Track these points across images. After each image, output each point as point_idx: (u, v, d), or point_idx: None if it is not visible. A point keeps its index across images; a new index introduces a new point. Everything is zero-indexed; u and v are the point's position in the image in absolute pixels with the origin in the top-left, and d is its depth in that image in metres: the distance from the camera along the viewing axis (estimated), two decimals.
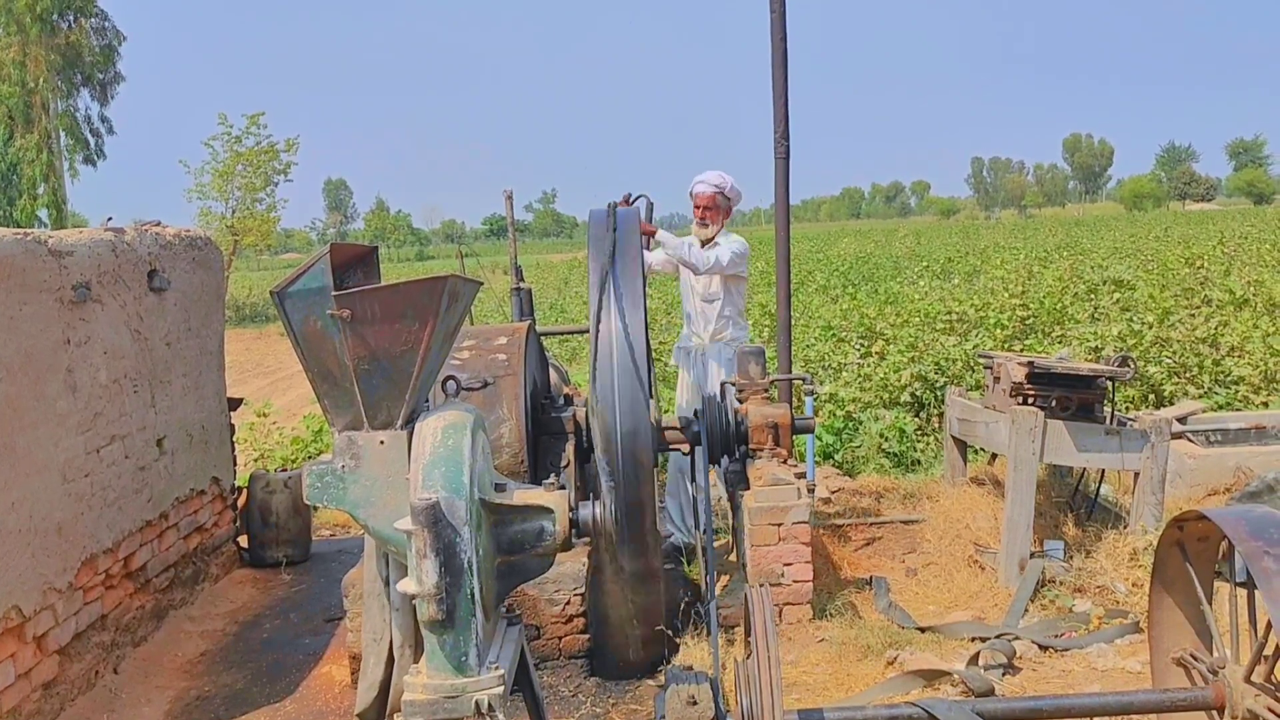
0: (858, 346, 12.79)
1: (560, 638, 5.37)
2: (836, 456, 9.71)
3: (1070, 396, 6.11)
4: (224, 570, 6.94)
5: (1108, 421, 6.17)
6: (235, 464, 7.39)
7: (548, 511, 3.46)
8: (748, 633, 3.88)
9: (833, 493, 7.99)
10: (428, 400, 3.60)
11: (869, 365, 11.63)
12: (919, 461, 9.64)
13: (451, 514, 3.16)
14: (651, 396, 6.35)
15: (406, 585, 3.19)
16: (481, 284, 3.74)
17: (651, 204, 6.63)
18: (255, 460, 10.02)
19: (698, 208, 7.13)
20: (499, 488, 3.51)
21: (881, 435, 9.81)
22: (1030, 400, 6.13)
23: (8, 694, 4.53)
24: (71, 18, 44.48)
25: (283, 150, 30.56)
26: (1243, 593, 3.56)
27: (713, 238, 7.09)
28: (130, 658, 5.64)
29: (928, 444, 9.96)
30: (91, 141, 46.76)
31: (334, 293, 3.18)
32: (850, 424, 10.17)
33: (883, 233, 69.87)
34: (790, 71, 7.24)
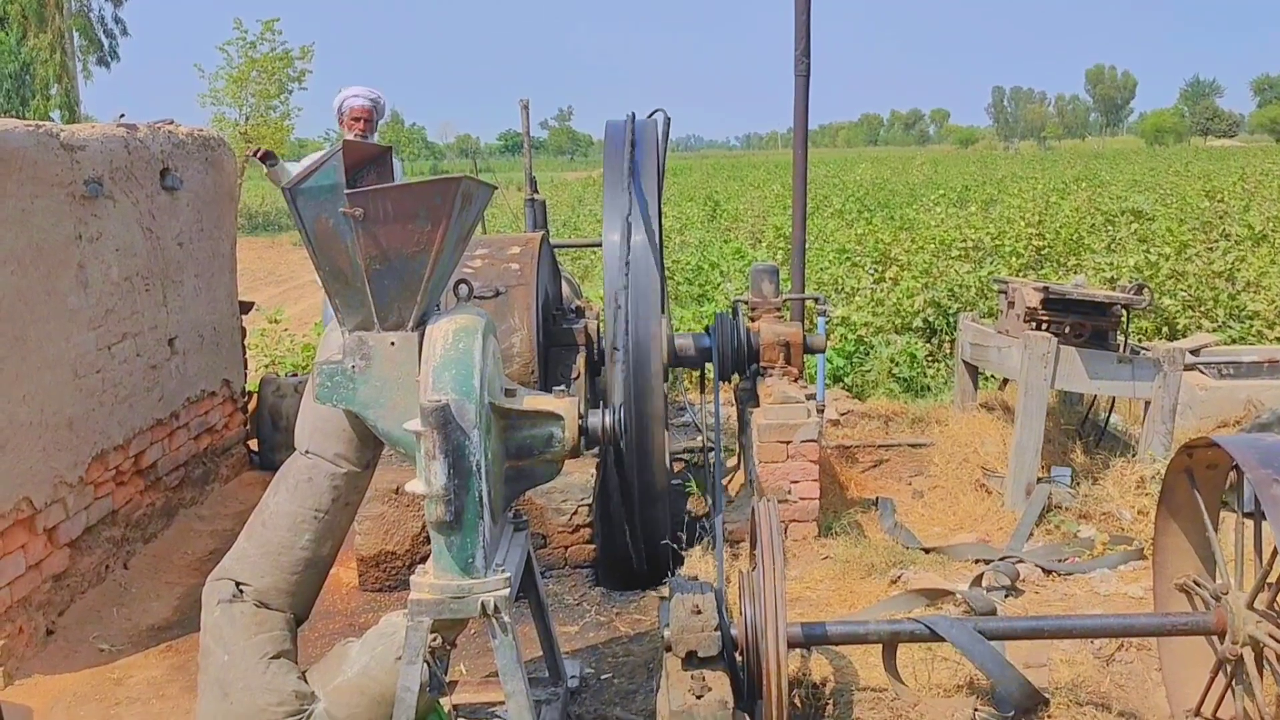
0: (871, 271, 12.73)
1: (566, 547, 5.40)
2: (847, 380, 9.72)
3: (1084, 323, 6.07)
4: (234, 472, 6.99)
5: (1121, 350, 6.14)
6: (246, 368, 7.40)
7: (557, 418, 3.46)
8: (753, 546, 3.90)
9: (842, 415, 7.99)
10: (439, 304, 3.58)
11: (882, 290, 11.58)
12: (929, 387, 9.64)
13: (461, 417, 3.16)
14: (664, 312, 6.34)
15: (415, 486, 3.20)
16: (495, 188, 3.69)
17: (668, 119, 6.53)
18: (266, 366, 10.02)
19: (356, 120, 7.02)
20: (509, 393, 3.51)
21: (892, 360, 9.81)
22: (1044, 326, 6.10)
23: (18, 584, 4.58)
24: None
25: (298, 58, 30.16)
26: (1249, 522, 3.56)
27: None
28: (140, 553, 5.70)
29: (938, 370, 9.96)
30: (105, 43, 46.28)
31: (346, 191, 3.15)
32: (861, 348, 10.15)
33: (900, 160, 69.16)
34: None
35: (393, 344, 3.37)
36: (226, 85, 30.15)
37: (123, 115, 6.03)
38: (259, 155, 6.89)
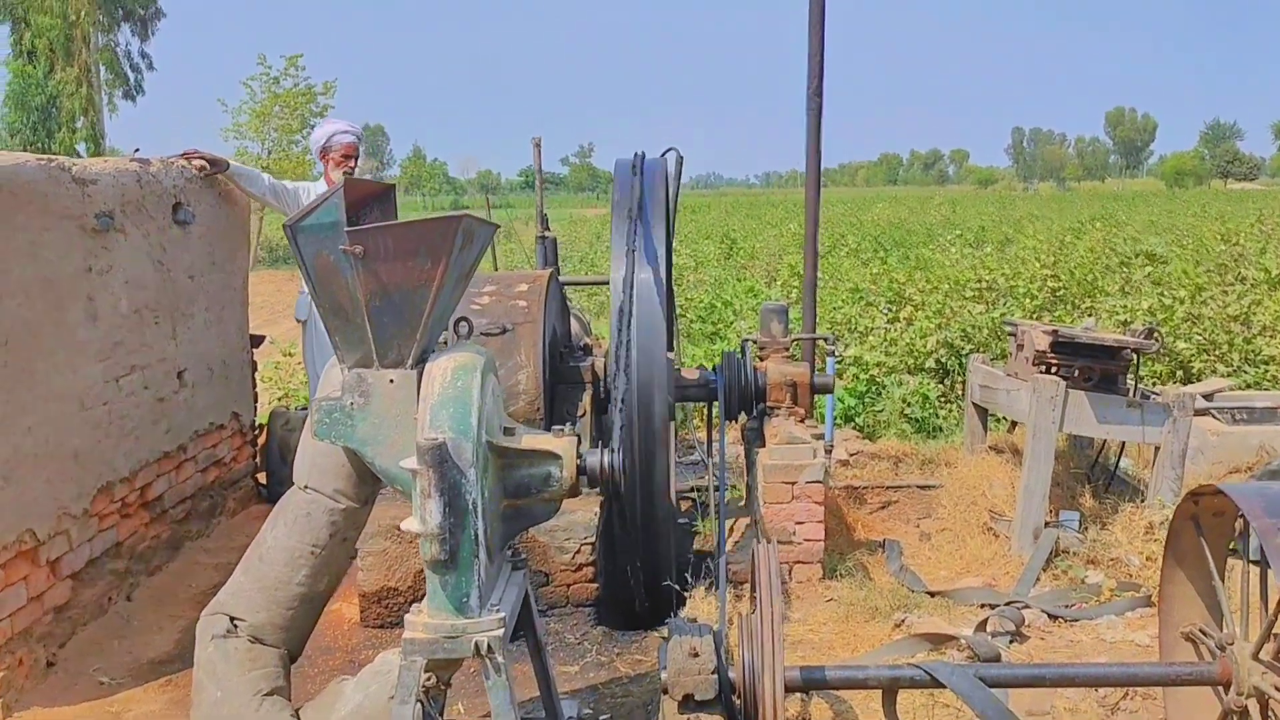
0: (885, 311, 12.70)
1: (569, 585, 5.38)
2: (858, 420, 9.68)
3: (1094, 367, 6.03)
4: (241, 505, 6.99)
5: (1131, 394, 6.11)
6: (256, 400, 7.42)
7: (555, 457, 3.45)
8: (753, 588, 3.87)
9: (851, 455, 7.95)
10: (441, 342, 3.58)
11: (896, 330, 11.55)
12: (940, 428, 9.59)
13: (458, 455, 3.16)
14: (672, 349, 6.32)
15: (410, 524, 3.19)
16: (498, 226, 3.71)
17: (681, 157, 6.54)
18: (279, 399, 10.06)
19: (346, 157, 6.80)
20: (508, 431, 3.50)
21: (904, 400, 9.77)
22: (1053, 369, 6.06)
23: (19, 615, 4.58)
24: None
25: (320, 93, 30.49)
26: (1255, 569, 3.52)
27: None
28: (144, 586, 5.70)
29: (950, 411, 9.91)
30: (131, 77, 46.98)
31: (347, 228, 3.17)
32: (873, 388, 10.12)
33: (918, 200, 69.20)
34: (830, 32, 7.14)
35: (392, 381, 3.37)
36: (250, 120, 30.45)
37: (137, 150, 6.09)
38: (201, 160, 6.38)
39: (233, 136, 30.26)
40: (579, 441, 3.57)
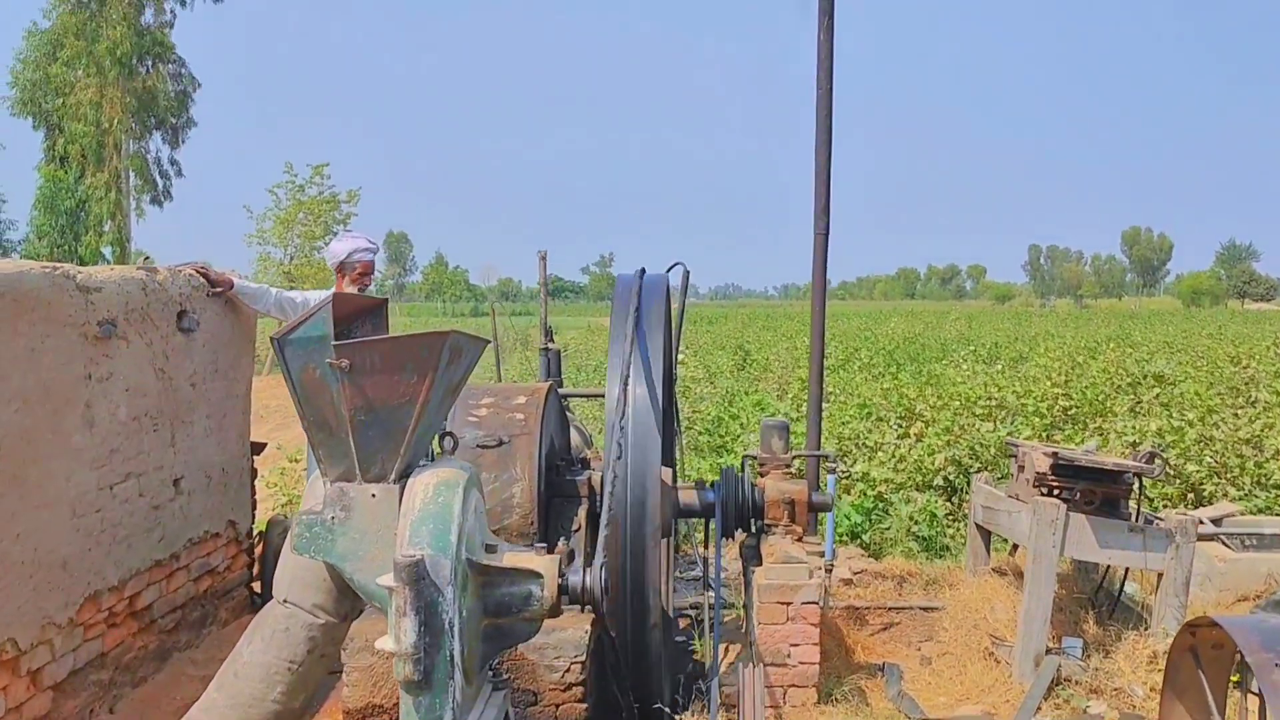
0: (895, 427, 12.65)
1: (558, 705, 5.26)
2: (864, 537, 9.57)
3: (1095, 490, 5.97)
4: (233, 615, 6.91)
5: (1133, 518, 6.03)
6: (254, 508, 7.38)
7: (536, 576, 3.41)
8: (740, 715, 3.80)
9: (855, 574, 7.84)
10: (427, 456, 3.57)
11: (905, 446, 11.49)
12: (948, 547, 9.47)
13: (435, 573, 3.13)
14: (672, 464, 6.29)
15: (384, 643, 3.15)
16: (488, 343, 3.73)
17: (688, 271, 6.60)
18: (283, 505, 10.02)
19: (364, 274, 6.70)
20: (490, 548, 3.47)
21: (911, 518, 9.67)
22: (1054, 492, 6.00)
23: None
24: (150, 63, 45.66)
25: (344, 201, 31.04)
26: (1255, 701, 3.43)
27: None
28: (128, 698, 5.61)
29: (957, 529, 9.80)
30: (160, 183, 47.80)
31: (334, 342, 3.18)
32: (881, 505, 10.03)
33: (934, 315, 69.52)
34: (850, 146, 7.29)
35: (374, 496, 3.36)
36: (274, 226, 30.93)
37: (147, 258, 6.17)
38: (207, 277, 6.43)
39: (256, 242, 30.76)
40: (571, 558, 3.55)
